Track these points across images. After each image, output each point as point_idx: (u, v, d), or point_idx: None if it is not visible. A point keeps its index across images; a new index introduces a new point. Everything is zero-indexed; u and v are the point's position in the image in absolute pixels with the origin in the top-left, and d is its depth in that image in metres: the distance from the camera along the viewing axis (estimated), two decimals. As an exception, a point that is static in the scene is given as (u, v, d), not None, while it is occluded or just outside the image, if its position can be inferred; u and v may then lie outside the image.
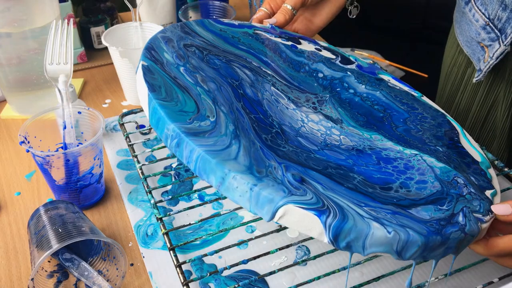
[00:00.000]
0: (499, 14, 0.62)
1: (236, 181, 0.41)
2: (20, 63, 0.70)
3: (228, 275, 0.51)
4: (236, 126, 0.47)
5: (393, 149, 0.51)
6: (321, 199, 0.40)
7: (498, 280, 0.49)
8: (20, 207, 0.60)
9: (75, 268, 0.51)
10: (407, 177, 0.47)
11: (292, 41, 0.64)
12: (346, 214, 0.40)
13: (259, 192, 0.40)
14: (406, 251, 0.40)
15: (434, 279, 0.49)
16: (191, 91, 0.50)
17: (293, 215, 0.39)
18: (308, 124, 0.53)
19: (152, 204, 0.54)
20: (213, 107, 0.49)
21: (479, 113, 0.73)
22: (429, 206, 0.43)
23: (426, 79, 1.80)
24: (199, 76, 0.53)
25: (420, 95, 0.60)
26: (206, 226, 0.57)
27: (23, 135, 0.55)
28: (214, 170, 0.42)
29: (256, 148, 0.45)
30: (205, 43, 0.60)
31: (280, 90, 0.56)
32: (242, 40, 0.62)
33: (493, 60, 0.63)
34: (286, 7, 0.67)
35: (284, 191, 0.40)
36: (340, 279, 0.51)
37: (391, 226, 0.39)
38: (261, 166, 0.43)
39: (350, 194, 0.43)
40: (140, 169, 0.59)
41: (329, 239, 0.39)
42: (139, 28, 0.77)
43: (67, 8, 0.80)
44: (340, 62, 0.63)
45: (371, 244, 0.39)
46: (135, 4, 0.79)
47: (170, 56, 0.55)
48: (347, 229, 0.39)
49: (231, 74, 0.55)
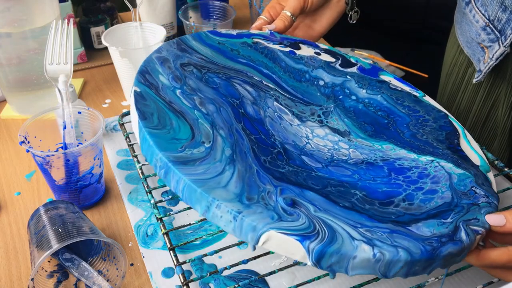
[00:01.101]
0: (499, 15, 0.62)
1: (220, 210, 0.41)
2: (20, 63, 0.70)
3: (228, 275, 0.51)
4: (234, 151, 0.47)
5: (408, 157, 0.51)
6: (313, 223, 0.41)
7: (498, 280, 0.49)
8: (20, 207, 0.60)
9: (75, 268, 0.51)
10: (417, 187, 0.47)
11: (291, 46, 0.64)
12: (336, 236, 0.40)
13: (242, 219, 0.40)
14: (389, 271, 0.40)
15: (434, 279, 0.49)
16: (187, 116, 0.49)
17: (276, 241, 0.40)
18: (314, 140, 0.53)
19: (152, 204, 0.54)
20: (211, 132, 0.48)
21: (479, 113, 0.73)
22: (431, 220, 0.43)
23: (426, 79, 1.80)
24: (197, 98, 0.52)
25: (422, 95, 0.60)
26: (206, 226, 0.57)
27: (23, 135, 0.55)
28: (199, 199, 0.42)
29: (252, 172, 0.45)
30: (204, 60, 0.59)
31: (283, 105, 0.56)
32: (241, 53, 0.61)
33: (492, 61, 0.63)
34: (285, 14, 0.67)
35: (273, 218, 0.41)
36: (340, 279, 0.51)
37: (380, 248, 0.40)
38: (254, 192, 0.43)
39: (345, 214, 0.43)
40: (140, 169, 0.59)
41: (312, 263, 0.40)
42: (139, 28, 0.77)
43: (67, 8, 0.80)
44: (340, 66, 0.63)
45: (354, 267, 0.40)
46: (135, 4, 0.79)
47: (166, 78, 0.54)
48: (330, 253, 0.39)
49: (231, 93, 0.55)
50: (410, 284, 0.51)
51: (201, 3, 0.89)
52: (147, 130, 0.47)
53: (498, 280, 0.49)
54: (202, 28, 0.80)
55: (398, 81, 0.62)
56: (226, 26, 0.82)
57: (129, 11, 0.94)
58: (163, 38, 0.73)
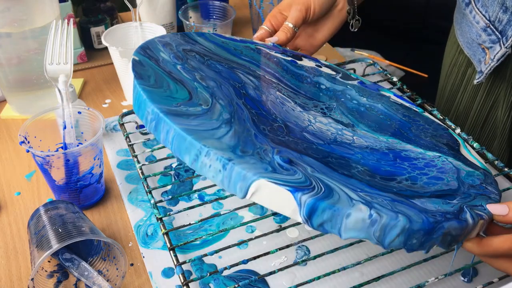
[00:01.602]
0: (500, 16, 0.62)
1: (209, 159, 0.39)
2: (20, 63, 0.70)
3: (227, 275, 0.51)
4: (232, 116, 0.45)
5: (414, 150, 0.50)
6: (309, 180, 0.39)
7: (498, 280, 0.49)
8: (20, 207, 0.60)
9: (75, 268, 0.51)
10: (422, 173, 0.46)
11: (293, 57, 0.64)
12: (332, 194, 0.38)
13: (232, 167, 0.38)
14: (385, 237, 0.38)
15: (434, 279, 0.49)
16: (186, 84, 0.48)
17: (266, 191, 0.38)
18: (316, 124, 0.51)
19: (152, 204, 0.54)
20: (210, 99, 0.47)
21: (479, 113, 0.73)
22: (436, 199, 0.42)
23: (426, 79, 1.80)
24: (197, 74, 0.51)
25: (422, 111, 0.59)
26: (206, 226, 0.57)
27: (23, 135, 0.55)
28: (188, 148, 0.40)
29: (249, 134, 0.43)
30: (206, 50, 0.58)
31: (286, 95, 0.55)
32: (244, 53, 0.61)
33: (494, 62, 0.63)
34: (287, 25, 0.67)
35: (266, 169, 0.39)
36: (340, 279, 0.51)
37: (379, 210, 0.37)
38: (249, 147, 0.41)
39: (344, 179, 0.41)
40: (140, 169, 0.59)
41: (303, 218, 0.37)
42: (139, 28, 0.77)
43: (67, 8, 0.80)
44: (341, 78, 0.62)
45: (348, 227, 0.37)
46: (135, 4, 0.79)
47: (167, 55, 0.53)
48: (323, 208, 0.37)
49: (233, 77, 0.54)
50: (410, 284, 0.51)
51: (201, 3, 0.89)
52: (141, 87, 0.45)
53: (498, 280, 0.49)
54: (202, 28, 0.80)
55: (397, 98, 0.61)
56: (226, 26, 0.82)
57: (129, 11, 0.94)
58: (163, 38, 0.73)
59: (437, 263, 0.53)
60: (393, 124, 0.55)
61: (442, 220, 0.39)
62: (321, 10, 0.68)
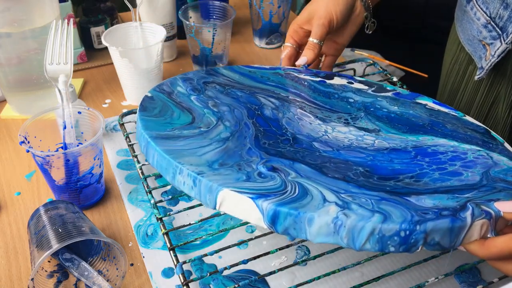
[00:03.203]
0: (501, 13, 0.62)
1: (182, 175, 0.39)
2: (20, 63, 0.70)
3: (227, 275, 0.51)
4: (232, 135, 0.45)
5: (446, 144, 0.48)
6: (286, 184, 0.38)
7: (498, 280, 0.49)
8: (20, 207, 0.60)
9: (75, 268, 0.51)
10: (439, 167, 0.44)
11: (324, 77, 0.62)
12: (306, 195, 0.37)
13: (200, 181, 0.39)
14: (354, 239, 0.36)
15: (434, 279, 0.49)
16: (194, 111, 0.48)
17: (231, 200, 0.38)
18: (333, 133, 0.50)
19: (152, 204, 0.54)
20: (214, 122, 0.47)
21: (480, 110, 0.73)
22: (440, 195, 0.40)
23: (426, 79, 1.80)
24: (211, 102, 0.51)
25: (462, 115, 0.56)
26: (206, 226, 0.57)
27: (23, 135, 0.55)
28: (167, 168, 0.41)
29: (242, 148, 0.43)
30: (229, 81, 0.57)
31: (308, 111, 0.53)
32: (271, 79, 0.60)
33: (494, 58, 0.64)
34: (312, 42, 0.66)
35: (238, 179, 0.39)
36: (340, 279, 0.51)
37: (353, 210, 0.36)
38: (231, 160, 0.41)
39: (330, 181, 0.40)
40: (140, 169, 0.59)
41: (268, 225, 0.37)
42: (139, 28, 0.77)
43: (67, 8, 0.80)
44: (373, 91, 0.60)
45: (314, 232, 0.36)
46: (135, 4, 0.79)
47: (184, 89, 0.52)
48: (285, 213, 0.36)
49: (251, 101, 0.52)
50: (410, 284, 0.51)
51: (201, 3, 0.89)
52: (140, 117, 0.47)
53: (498, 280, 0.49)
54: (202, 28, 0.80)
55: (435, 104, 0.58)
56: (226, 26, 0.82)
57: (129, 11, 0.94)
58: (163, 38, 0.73)
59: (437, 263, 0.53)
60: (426, 124, 0.53)
61: (428, 219, 0.37)
62: (343, 19, 0.68)
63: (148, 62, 0.74)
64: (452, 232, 0.38)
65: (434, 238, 0.38)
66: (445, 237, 0.38)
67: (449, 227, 0.38)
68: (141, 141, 0.46)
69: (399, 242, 0.37)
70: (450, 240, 0.38)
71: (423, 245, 0.38)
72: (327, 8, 0.66)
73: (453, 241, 0.38)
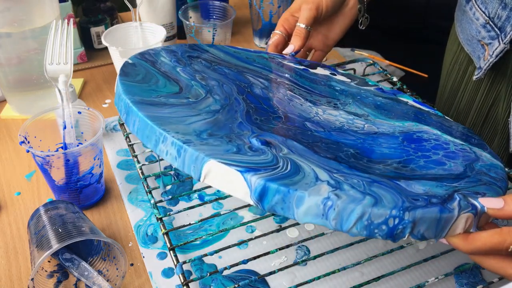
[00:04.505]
0: (499, 13, 0.62)
1: (165, 145, 0.38)
2: (20, 63, 0.70)
3: (227, 275, 0.51)
4: (222, 108, 0.43)
5: (429, 132, 0.48)
6: (277, 159, 0.37)
7: (498, 280, 0.49)
8: (20, 207, 0.60)
9: (75, 268, 0.51)
10: (424, 155, 0.44)
11: (308, 66, 0.62)
12: (298, 172, 0.36)
13: (186, 150, 0.37)
14: (342, 222, 0.34)
15: (434, 279, 0.49)
16: (181, 82, 0.46)
17: (217, 173, 0.36)
18: (324, 115, 0.48)
19: (152, 204, 0.54)
20: (203, 94, 0.45)
21: (480, 110, 0.73)
22: (428, 181, 0.40)
23: (426, 79, 1.80)
24: (198, 75, 0.49)
25: (443, 116, 0.57)
26: (206, 226, 0.57)
27: (23, 135, 0.55)
28: (149, 135, 0.39)
29: (233, 121, 0.42)
30: (215, 58, 0.55)
31: (297, 94, 0.52)
32: (257, 61, 0.59)
33: (492, 58, 0.64)
34: (299, 27, 0.65)
35: (228, 150, 0.37)
36: (340, 279, 0.51)
37: (345, 191, 0.34)
38: (221, 131, 0.39)
39: (322, 161, 0.39)
40: (140, 169, 0.59)
41: (254, 201, 0.35)
42: (139, 28, 0.77)
43: (67, 8, 0.80)
44: (356, 84, 0.60)
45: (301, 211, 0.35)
46: (135, 4, 0.79)
47: (168, 60, 0.51)
48: (274, 189, 0.34)
49: (240, 79, 0.51)
50: (410, 284, 0.51)
51: (201, 3, 0.89)
52: (121, 81, 0.44)
53: (498, 280, 0.49)
54: (202, 28, 0.80)
55: (416, 103, 0.59)
56: (226, 26, 0.82)
57: (129, 11, 0.94)
58: (163, 38, 0.73)
59: (437, 263, 0.53)
60: (410, 112, 0.53)
61: (419, 206, 0.36)
62: (334, 7, 0.67)
63: (148, 62, 0.74)
64: (439, 223, 0.37)
65: (421, 227, 0.37)
66: (431, 228, 0.37)
67: (437, 218, 0.37)
68: (121, 107, 0.43)
69: (387, 231, 0.36)
70: (436, 231, 0.37)
71: (409, 234, 0.36)
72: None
73: (439, 232, 0.38)
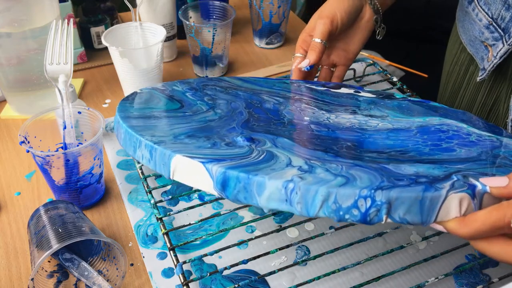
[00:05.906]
0: (503, 14, 0.62)
1: (140, 149, 0.38)
2: (20, 63, 0.70)
3: (227, 275, 0.51)
4: (221, 118, 0.43)
5: (452, 124, 0.45)
6: (253, 150, 0.37)
7: (498, 280, 0.49)
8: (20, 207, 0.60)
9: (75, 268, 0.51)
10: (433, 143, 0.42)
11: (331, 87, 0.61)
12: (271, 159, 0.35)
13: (156, 150, 0.37)
14: (308, 205, 0.32)
15: (434, 279, 0.49)
16: (185, 102, 0.46)
17: (183, 168, 0.36)
18: (336, 119, 0.47)
19: (152, 204, 0.54)
20: (203, 109, 0.45)
21: (481, 111, 0.73)
22: (425, 164, 0.38)
23: (426, 79, 1.80)
24: (207, 97, 0.48)
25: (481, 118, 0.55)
26: (206, 226, 0.57)
27: (23, 135, 0.55)
28: (129, 143, 0.39)
29: (223, 126, 0.41)
30: (231, 84, 0.55)
31: (313, 106, 0.51)
32: (277, 85, 0.58)
33: (497, 59, 0.63)
34: (315, 42, 0.64)
35: (200, 147, 0.37)
36: (340, 279, 0.51)
37: (313, 174, 0.33)
38: (203, 134, 0.39)
39: (305, 151, 0.38)
40: (140, 169, 0.59)
41: (217, 189, 0.35)
42: (139, 28, 0.77)
43: (67, 8, 0.80)
44: (380, 98, 0.58)
45: (265, 196, 0.34)
46: (135, 4, 0.79)
47: (180, 88, 0.50)
48: (235, 177, 0.34)
49: (253, 98, 0.50)
50: (410, 284, 0.51)
51: (201, 3, 0.89)
52: (120, 103, 0.45)
53: (498, 280, 0.49)
54: (202, 28, 0.80)
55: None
56: (226, 26, 0.82)
57: (129, 11, 0.94)
58: (163, 38, 0.73)
59: (437, 263, 0.53)
60: (439, 109, 0.51)
61: (398, 185, 0.33)
62: (349, 19, 0.66)
63: (148, 62, 0.74)
64: (422, 204, 0.33)
65: (400, 210, 0.33)
66: (413, 210, 0.33)
67: (419, 198, 0.33)
68: (116, 127, 0.44)
69: (360, 217, 0.33)
70: (421, 215, 0.34)
71: (387, 216, 0.33)
72: (331, 8, 0.66)
73: (425, 216, 0.34)
